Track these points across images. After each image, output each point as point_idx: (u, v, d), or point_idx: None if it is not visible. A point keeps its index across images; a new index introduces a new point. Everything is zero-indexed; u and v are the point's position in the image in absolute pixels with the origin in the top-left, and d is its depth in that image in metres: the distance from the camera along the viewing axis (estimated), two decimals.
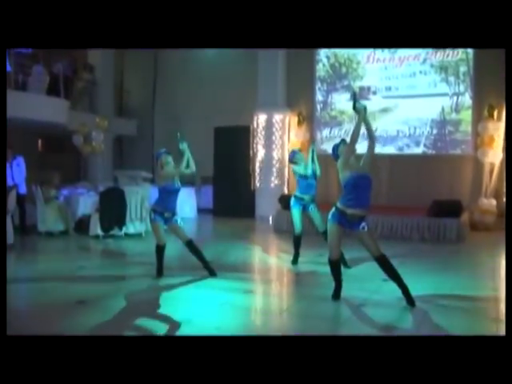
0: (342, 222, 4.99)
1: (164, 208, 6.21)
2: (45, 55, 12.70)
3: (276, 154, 13.39)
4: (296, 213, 7.10)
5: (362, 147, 5.47)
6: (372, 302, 5.21)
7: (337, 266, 5.27)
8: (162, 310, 5.00)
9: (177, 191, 6.30)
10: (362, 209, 4.95)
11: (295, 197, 7.14)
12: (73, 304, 5.06)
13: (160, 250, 6.35)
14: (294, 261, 7.20)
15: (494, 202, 11.09)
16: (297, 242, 7.19)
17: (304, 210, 7.08)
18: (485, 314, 4.87)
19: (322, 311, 4.94)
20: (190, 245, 6.38)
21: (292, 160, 7.20)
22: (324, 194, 11.77)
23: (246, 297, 5.55)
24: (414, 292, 5.05)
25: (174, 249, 7.14)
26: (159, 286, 6.01)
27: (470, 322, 4.61)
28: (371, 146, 5.07)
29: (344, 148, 5.05)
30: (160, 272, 6.34)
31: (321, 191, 11.32)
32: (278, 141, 13.40)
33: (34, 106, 11.28)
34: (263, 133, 13.49)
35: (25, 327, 4.14)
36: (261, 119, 13.52)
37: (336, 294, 5.26)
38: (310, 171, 6.98)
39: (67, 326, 4.37)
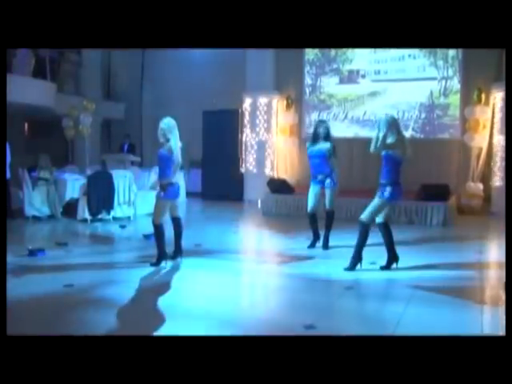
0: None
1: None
2: None
3: (264, 138, 13.38)
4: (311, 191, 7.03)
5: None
6: (360, 282, 5.26)
7: (366, 230, 5.72)
8: (153, 290, 5.03)
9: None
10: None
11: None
12: (61, 288, 5.04)
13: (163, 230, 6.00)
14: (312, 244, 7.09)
15: (480, 186, 11.16)
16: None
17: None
18: (469, 297, 4.94)
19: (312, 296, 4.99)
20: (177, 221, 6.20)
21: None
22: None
23: (234, 281, 5.58)
24: (401, 274, 5.10)
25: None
26: (150, 268, 6.02)
27: (455, 304, 4.67)
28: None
29: None
30: (161, 257, 5.96)
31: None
32: (267, 124, 13.38)
33: (19, 88, 11.11)
34: (252, 116, 13.47)
35: (16, 316, 4.12)
36: (249, 102, 13.48)
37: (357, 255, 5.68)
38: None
39: (56, 312, 4.37)
